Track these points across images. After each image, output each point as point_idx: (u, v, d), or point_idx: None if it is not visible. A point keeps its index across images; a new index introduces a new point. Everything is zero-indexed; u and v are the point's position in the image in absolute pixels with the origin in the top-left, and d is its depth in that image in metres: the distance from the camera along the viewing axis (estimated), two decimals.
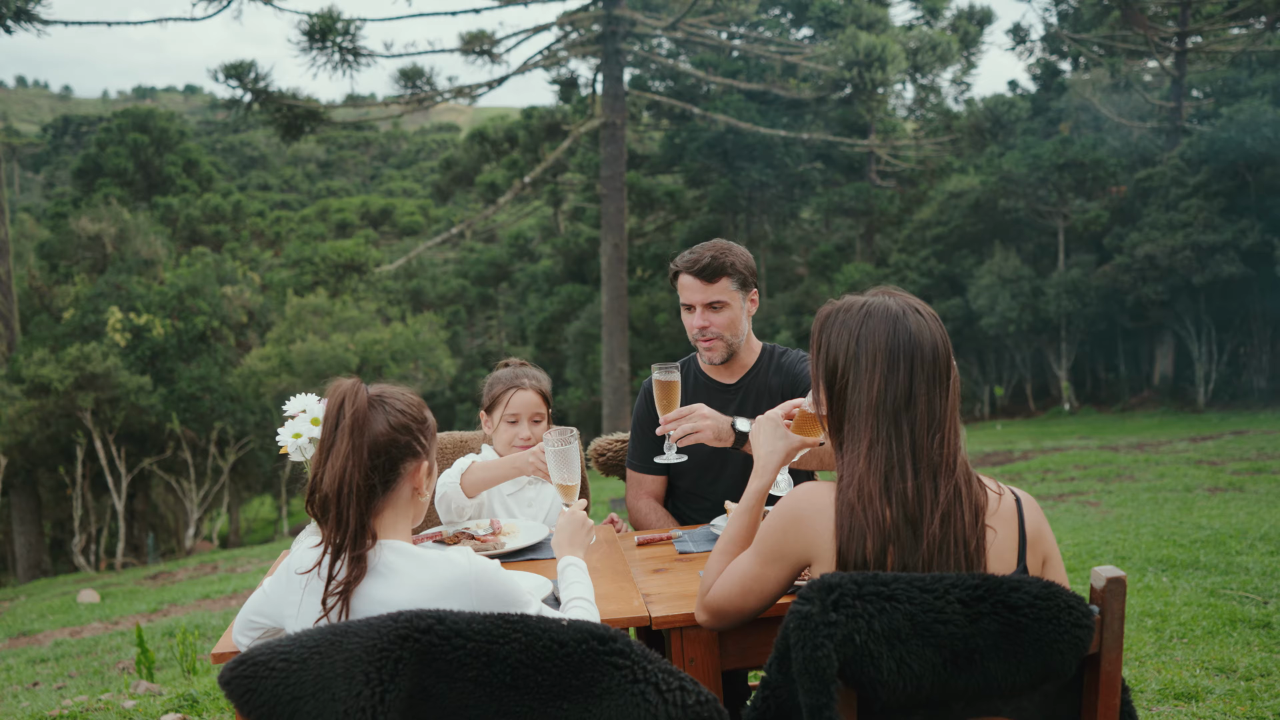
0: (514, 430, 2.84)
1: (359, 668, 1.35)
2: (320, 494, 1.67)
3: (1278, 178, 19.85)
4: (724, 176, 31.33)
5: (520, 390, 2.89)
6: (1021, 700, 1.55)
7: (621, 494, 5.32)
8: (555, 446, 2.26)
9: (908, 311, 1.66)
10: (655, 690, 1.39)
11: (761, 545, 1.73)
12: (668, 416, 2.53)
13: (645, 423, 2.94)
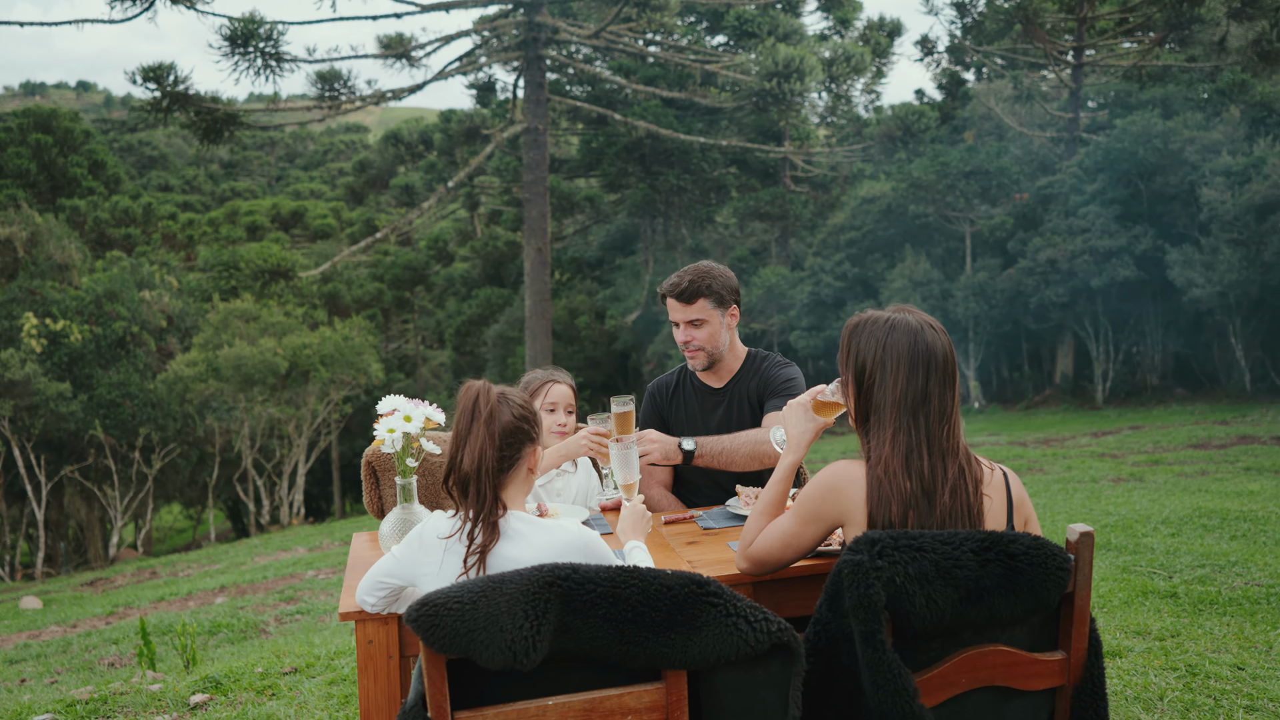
0: (552, 418, 3.21)
1: (519, 606, 1.70)
2: (460, 473, 2.02)
3: (1168, 186, 21.03)
4: (642, 181, 31.80)
5: (557, 384, 3.26)
6: (1015, 630, 1.97)
7: None
8: (619, 451, 2.65)
9: (924, 327, 2.08)
10: (745, 621, 1.77)
11: (801, 508, 2.12)
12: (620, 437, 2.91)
13: (653, 421, 3.33)
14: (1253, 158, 19.39)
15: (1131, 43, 26.59)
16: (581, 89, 33.84)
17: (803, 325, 26.80)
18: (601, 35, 22.83)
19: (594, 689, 1.81)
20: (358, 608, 2.19)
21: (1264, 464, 11.55)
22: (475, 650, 1.69)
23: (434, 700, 1.74)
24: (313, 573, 8.95)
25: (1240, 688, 3.59)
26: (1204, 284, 19.22)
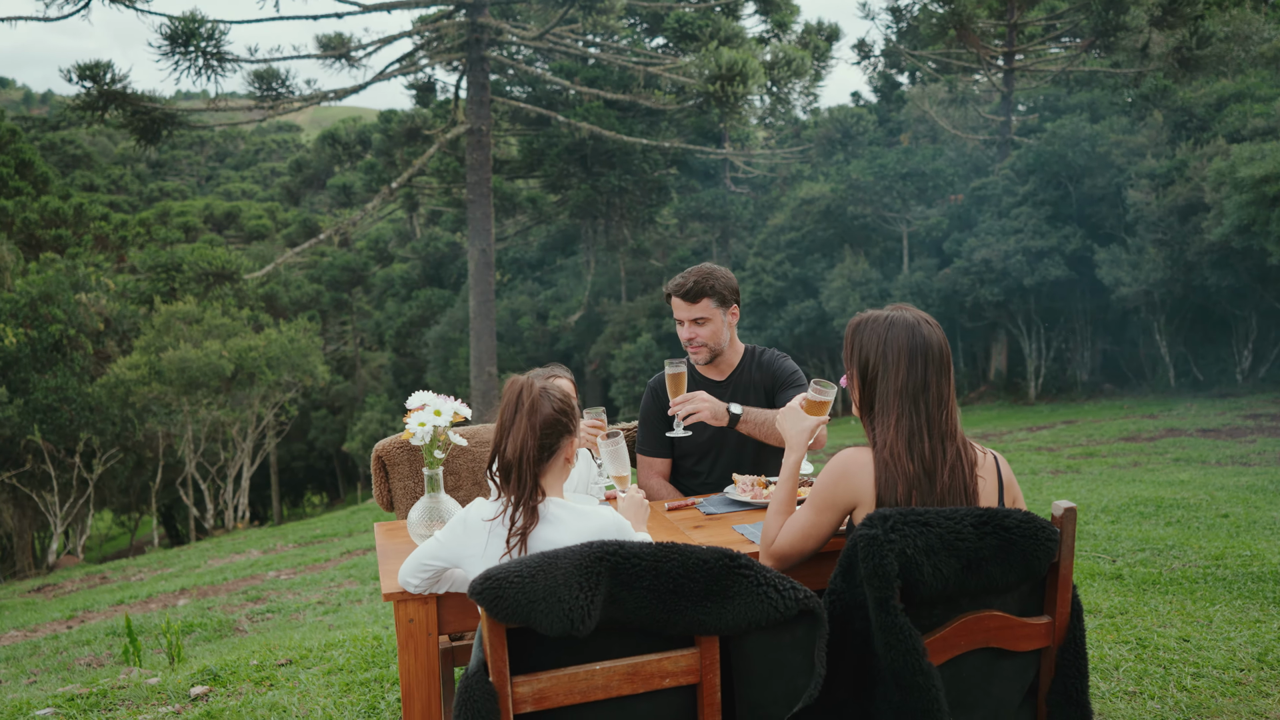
0: None
1: (574, 579, 1.86)
2: (503, 461, 2.18)
3: (1096, 189, 21.72)
4: (584, 182, 31.93)
5: (559, 379, 3.41)
6: (1007, 597, 2.18)
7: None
8: (609, 447, 2.82)
9: (920, 322, 2.29)
10: (774, 589, 1.95)
11: (816, 498, 2.31)
12: (676, 400, 3.15)
13: (652, 415, 3.51)
14: (1175, 161, 20.11)
15: (1060, 48, 27.39)
16: (522, 89, 33.88)
17: (744, 325, 27.13)
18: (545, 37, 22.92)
19: (634, 655, 1.99)
20: (400, 589, 2.34)
21: (1191, 455, 12.08)
22: (536, 619, 1.86)
23: (495, 666, 1.90)
24: (274, 574, 8.97)
25: (1186, 657, 3.88)
26: (1130, 283, 19.89)
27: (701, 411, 3.14)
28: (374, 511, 14.59)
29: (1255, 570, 5.31)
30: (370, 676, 3.97)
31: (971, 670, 2.16)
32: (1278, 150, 16.95)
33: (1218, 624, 4.33)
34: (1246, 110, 20.56)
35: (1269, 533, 6.55)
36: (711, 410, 3.16)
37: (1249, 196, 16.62)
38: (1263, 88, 21.67)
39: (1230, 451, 12.13)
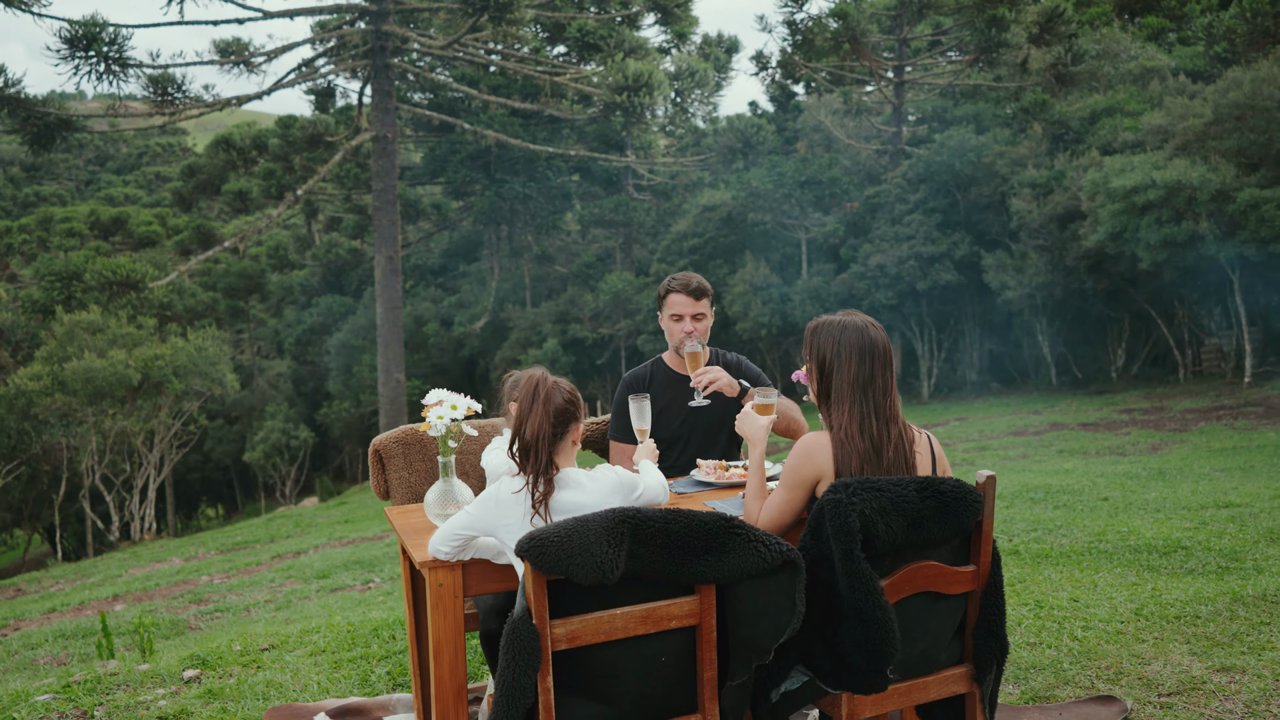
0: None
1: (604, 537, 2.27)
2: (523, 442, 2.58)
3: (982, 197, 22.88)
4: (488, 189, 32.10)
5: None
6: (941, 550, 2.66)
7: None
8: (636, 403, 3.38)
9: (868, 325, 2.76)
10: (763, 544, 2.39)
11: (787, 479, 2.76)
12: (698, 373, 3.62)
13: (626, 406, 3.93)
14: (1054, 171, 21.32)
15: (946, 63, 28.68)
16: (422, 96, 33.88)
17: (649, 329, 27.68)
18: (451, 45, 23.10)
19: (647, 602, 2.41)
20: (431, 558, 2.71)
21: (1074, 447, 13.00)
22: (574, 571, 2.27)
23: (537, 612, 2.30)
24: (206, 578, 9.09)
25: (1076, 614, 4.46)
26: (1015, 286, 21.02)
27: (719, 381, 3.62)
28: (293, 518, 14.64)
29: (1132, 543, 5.98)
30: (355, 655, 4.29)
31: (915, 610, 2.63)
32: (1145, 163, 18.18)
33: (1101, 587, 4.94)
34: (1117, 124, 21.92)
35: (1143, 512, 7.28)
36: (727, 381, 3.65)
37: (1120, 206, 17.80)
38: (1131, 103, 23.10)
39: (1108, 443, 13.09)
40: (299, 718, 3.64)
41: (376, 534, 10.60)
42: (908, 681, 2.68)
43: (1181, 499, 7.76)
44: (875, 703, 2.64)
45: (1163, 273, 18.38)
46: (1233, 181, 17.10)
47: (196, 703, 3.82)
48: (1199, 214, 17.08)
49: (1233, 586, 4.76)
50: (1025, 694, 3.61)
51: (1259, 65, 18.76)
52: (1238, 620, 4.22)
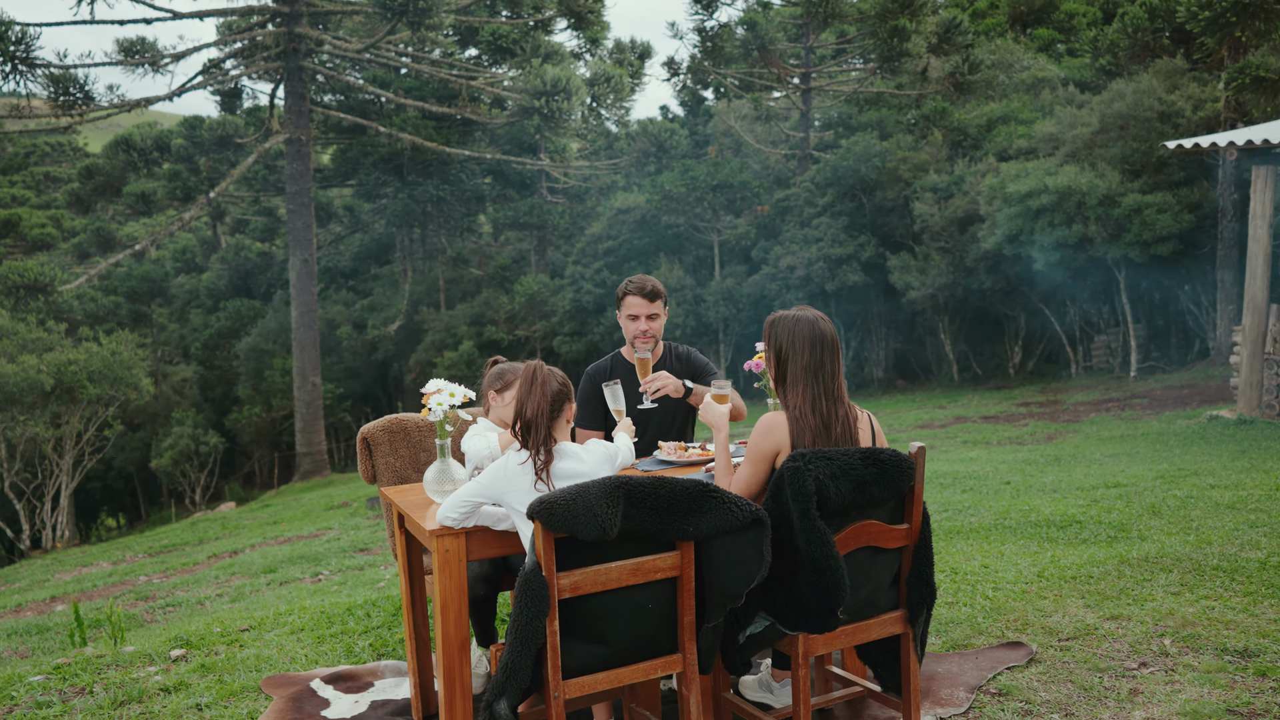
0: None
1: (603, 500, 2.66)
2: (524, 421, 2.95)
3: (887, 200, 23.75)
4: (401, 191, 32.04)
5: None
6: (880, 510, 3.11)
7: None
8: (610, 388, 3.76)
9: (818, 319, 3.20)
10: (735, 505, 2.81)
11: (751, 454, 3.18)
12: (646, 380, 4.00)
13: (590, 397, 4.31)
14: (954, 176, 22.28)
15: (851, 70, 29.63)
16: (333, 98, 33.61)
17: (565, 331, 27.99)
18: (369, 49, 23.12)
19: (636, 557, 2.80)
20: (440, 525, 3.06)
21: (977, 438, 13.76)
22: (578, 529, 2.65)
23: (546, 565, 2.68)
24: (145, 578, 9.17)
25: (987, 578, 4.99)
26: (919, 286, 21.91)
27: (668, 386, 4.01)
28: (217, 521, 14.62)
29: (1033, 519, 6.58)
30: (335, 631, 4.59)
31: (859, 562, 3.07)
32: (1038, 169, 19.18)
33: (1008, 555, 5.49)
34: (1012, 131, 23.00)
35: (1041, 493, 7.92)
36: (674, 385, 4.04)
37: (1016, 210, 18.75)
38: (1024, 111, 24.24)
39: (1008, 433, 13.89)
40: (294, 684, 3.95)
41: (313, 532, 10.76)
42: (853, 624, 3.13)
43: (1075, 481, 8.44)
44: (826, 641, 3.08)
45: (1055, 273, 19.39)
46: (1118, 187, 18.17)
47: (192, 676, 4.09)
48: (1088, 218, 18.10)
49: (1120, 551, 5.35)
50: (946, 643, 4.10)
51: (1140, 77, 19.94)
52: (1124, 578, 4.79)
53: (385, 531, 8.94)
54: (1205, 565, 4.95)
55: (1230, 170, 17.05)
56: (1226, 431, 11.06)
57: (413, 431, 4.06)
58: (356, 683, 3.98)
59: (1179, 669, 3.70)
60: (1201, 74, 20.19)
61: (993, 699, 3.56)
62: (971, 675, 3.77)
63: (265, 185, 36.00)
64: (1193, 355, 20.12)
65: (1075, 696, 3.53)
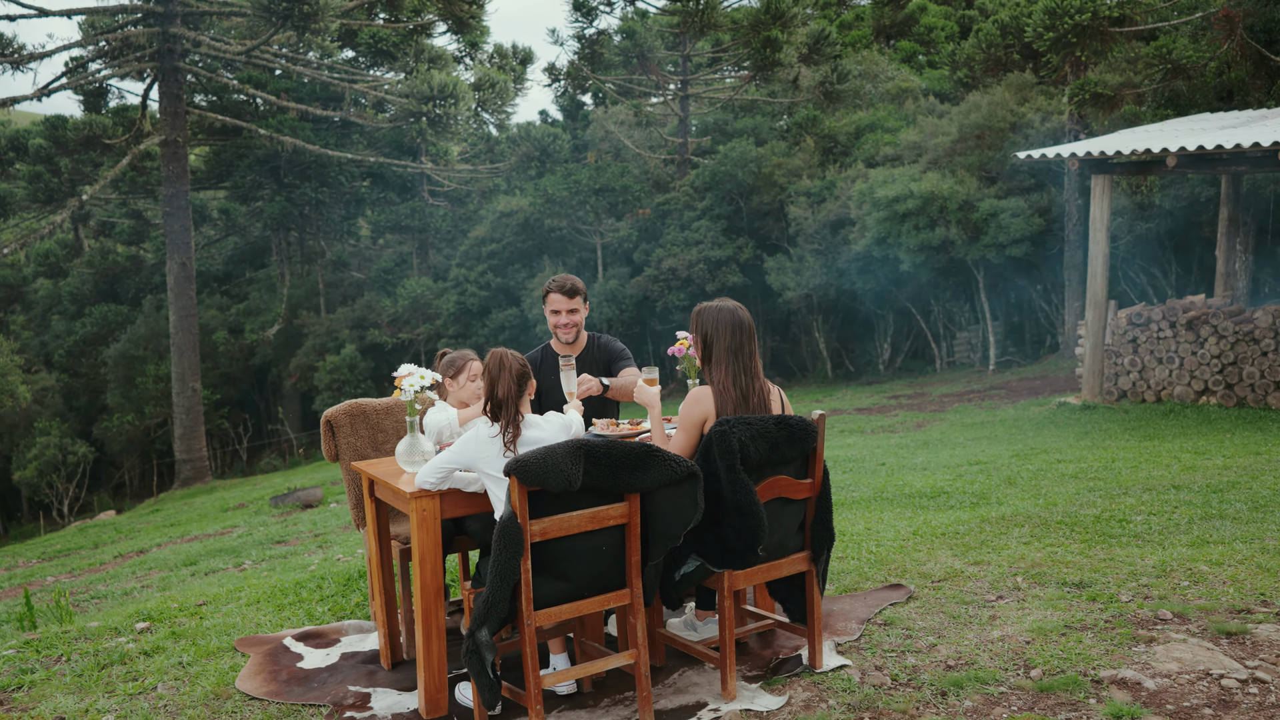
0: (473, 385, 4.57)
1: (568, 459, 3.19)
2: (496, 400, 3.46)
3: (763, 204, 24.75)
4: (278, 194, 31.67)
5: (474, 360, 4.61)
6: (789, 467, 3.73)
7: None
8: (565, 372, 4.20)
9: (737, 308, 3.80)
10: (674, 463, 3.37)
11: (683, 423, 3.75)
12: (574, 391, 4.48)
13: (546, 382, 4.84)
14: (826, 181, 23.40)
15: (727, 78, 30.64)
16: (204, 98, 32.97)
17: (450, 333, 28.17)
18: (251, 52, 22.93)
19: (593, 507, 3.35)
20: (418, 489, 3.55)
21: (852, 428, 14.69)
22: (548, 482, 3.18)
23: (520, 514, 3.20)
24: (52, 578, 9.23)
25: (870, 537, 5.69)
26: (794, 287, 22.93)
27: (591, 388, 4.54)
28: (108, 527, 14.48)
29: (907, 492, 7.36)
30: (292, 600, 4.99)
31: (773, 510, 3.69)
32: (904, 175, 20.38)
33: (887, 520, 6.23)
34: (879, 139, 24.27)
35: (913, 471, 8.75)
36: (595, 385, 4.58)
37: (885, 214, 19.90)
38: (889, 120, 25.58)
39: (880, 423, 14.88)
40: (267, 643, 4.36)
41: (219, 530, 10.91)
42: (768, 562, 3.75)
43: (942, 461, 9.32)
44: (746, 576, 3.69)
45: (920, 274, 20.63)
46: (975, 193, 19.48)
47: (166, 641, 4.46)
48: (949, 221, 19.35)
49: (981, 513, 6.15)
50: (839, 589, 4.78)
51: (994, 90, 21.38)
52: (985, 533, 5.56)
53: (299, 525, 9.23)
54: (1050, 521, 5.77)
55: (1074, 178, 18.50)
56: (1072, 416, 12.19)
57: (370, 415, 4.52)
58: (324, 640, 4.42)
59: (1028, 599, 4.44)
60: (1048, 88, 21.77)
61: (879, 628, 4.23)
62: (861, 611, 4.45)
63: (133, 187, 35.00)
64: (1044, 349, 21.65)
65: (946, 623, 4.23)
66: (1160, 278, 19.85)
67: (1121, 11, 17.49)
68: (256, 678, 4.01)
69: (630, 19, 28.75)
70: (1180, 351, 12.21)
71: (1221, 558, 4.82)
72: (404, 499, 3.63)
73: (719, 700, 3.65)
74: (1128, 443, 9.72)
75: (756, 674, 3.89)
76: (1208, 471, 7.30)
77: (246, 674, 4.04)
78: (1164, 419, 11.29)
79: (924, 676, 3.70)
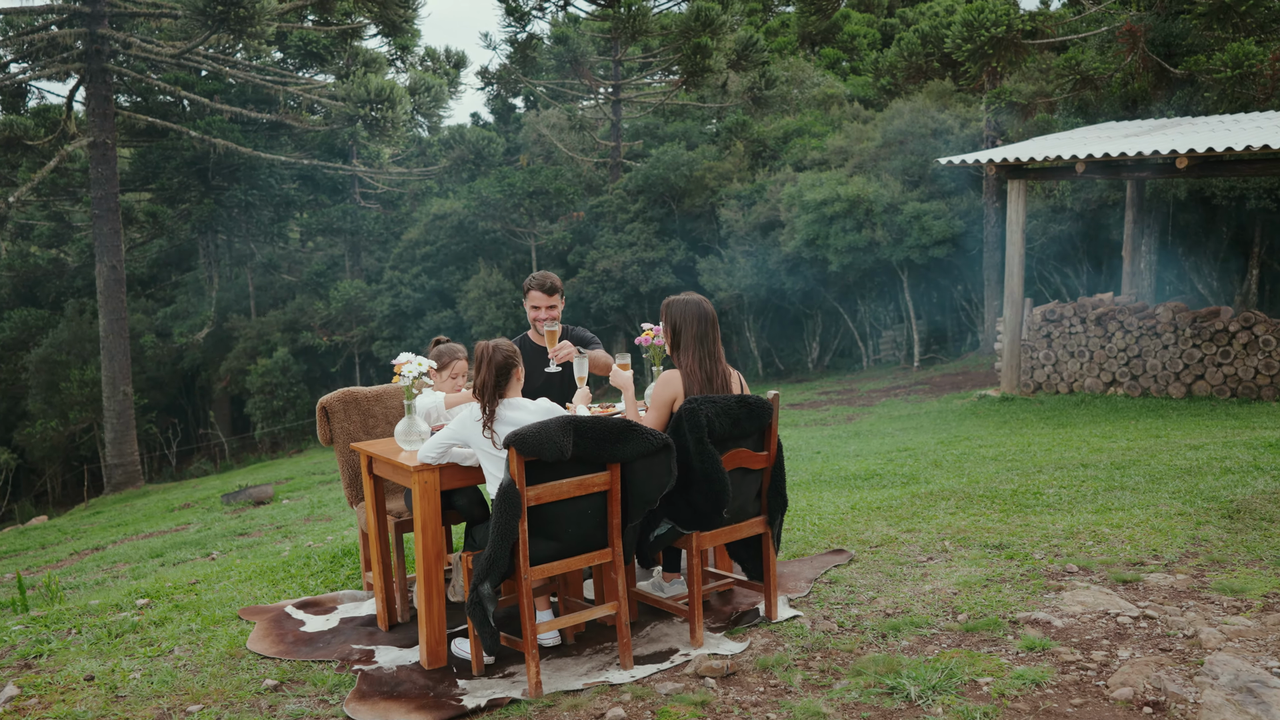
0: (454, 383, 4.98)
1: (560, 431, 3.64)
2: (479, 383, 3.89)
3: (695, 207, 25.35)
4: (206, 196, 31.44)
5: (459, 360, 5.01)
6: (748, 440, 4.22)
7: None
8: (578, 359, 4.62)
9: (702, 301, 4.28)
10: (650, 436, 3.84)
11: (655, 402, 4.22)
12: (555, 349, 4.92)
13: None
14: (756, 184, 24.07)
15: (658, 82, 31.22)
16: (128, 99, 32.56)
17: (384, 335, 28.29)
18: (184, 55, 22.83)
19: (579, 475, 3.81)
20: (420, 463, 3.97)
21: (786, 421, 15.31)
22: (543, 452, 3.63)
23: (519, 481, 3.64)
24: (10, 575, 9.36)
25: (812, 512, 6.23)
26: (726, 287, 23.56)
27: (571, 352, 4.98)
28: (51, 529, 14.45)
29: (843, 475, 7.93)
30: (283, 575, 5.35)
31: (735, 479, 4.17)
32: (831, 179, 21.13)
33: (827, 498, 6.78)
34: (806, 144, 25.03)
35: (847, 458, 9.34)
36: (572, 350, 5.02)
37: (813, 216, 20.62)
38: (816, 125, 26.38)
39: (813, 417, 15.53)
40: (269, 612, 4.73)
41: (173, 527, 11.09)
42: (730, 525, 4.25)
43: (873, 448, 9.93)
44: (712, 537, 4.18)
45: (848, 275, 21.40)
46: (900, 196, 20.29)
47: (171, 614, 4.80)
48: (875, 224, 20.14)
49: (912, 490, 6.73)
50: (787, 555, 5.29)
51: (915, 97, 22.25)
52: (915, 506, 6.13)
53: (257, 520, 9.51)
54: (973, 495, 6.37)
55: (992, 182, 19.40)
56: (992, 407, 12.94)
57: (362, 402, 4.92)
58: (323, 608, 4.80)
59: (955, 559, 5.00)
60: (967, 95, 22.72)
61: (826, 586, 4.76)
62: (809, 572, 4.97)
63: (55, 189, 34.40)
64: (965, 346, 22.59)
65: (884, 580, 4.77)
66: (1073, 277, 20.87)
67: (1034, 24, 18.42)
68: (265, 640, 4.38)
69: (562, 25, 29.15)
70: (1090, 345, 13.03)
71: (1121, 522, 5.45)
72: (406, 472, 4.05)
73: (688, 647, 4.13)
74: (1042, 430, 10.45)
75: (719, 626, 4.38)
76: (1112, 452, 8.00)
77: (255, 637, 4.42)
78: (1076, 408, 12.07)
79: (866, 623, 4.22)
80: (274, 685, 3.90)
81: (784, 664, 3.86)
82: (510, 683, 3.89)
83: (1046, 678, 3.56)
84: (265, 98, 28.84)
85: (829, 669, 3.79)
